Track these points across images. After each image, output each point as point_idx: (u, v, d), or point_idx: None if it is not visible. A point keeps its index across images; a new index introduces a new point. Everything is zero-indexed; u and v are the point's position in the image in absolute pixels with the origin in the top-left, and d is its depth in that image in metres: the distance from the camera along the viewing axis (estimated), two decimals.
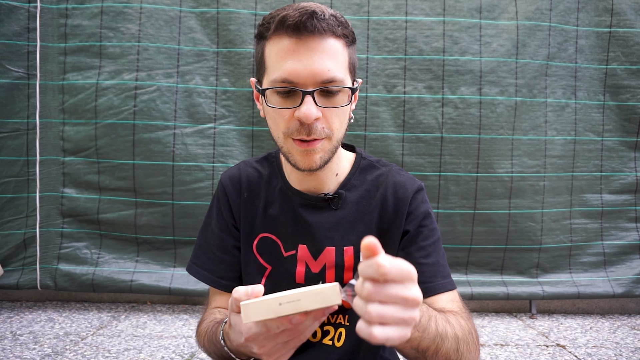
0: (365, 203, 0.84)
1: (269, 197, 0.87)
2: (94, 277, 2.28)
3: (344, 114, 0.77)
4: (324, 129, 0.73)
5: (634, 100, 2.40)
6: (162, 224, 2.31)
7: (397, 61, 2.31)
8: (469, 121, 2.32)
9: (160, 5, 2.26)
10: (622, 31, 2.37)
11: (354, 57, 0.77)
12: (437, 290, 0.79)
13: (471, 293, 2.35)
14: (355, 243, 0.82)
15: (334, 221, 0.83)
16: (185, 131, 2.29)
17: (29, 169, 2.27)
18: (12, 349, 1.84)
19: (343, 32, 0.72)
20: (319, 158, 0.75)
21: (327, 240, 0.82)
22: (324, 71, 0.69)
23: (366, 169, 0.87)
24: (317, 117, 0.71)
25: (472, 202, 2.35)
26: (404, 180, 0.84)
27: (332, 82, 0.70)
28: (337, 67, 0.71)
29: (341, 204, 0.84)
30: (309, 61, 0.69)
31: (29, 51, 2.24)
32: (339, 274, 0.82)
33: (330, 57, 0.70)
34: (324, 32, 0.69)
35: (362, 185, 0.85)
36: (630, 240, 2.46)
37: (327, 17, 0.70)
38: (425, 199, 0.85)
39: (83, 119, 2.28)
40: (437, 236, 0.85)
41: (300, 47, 0.69)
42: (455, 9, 2.31)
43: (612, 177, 2.44)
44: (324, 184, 0.84)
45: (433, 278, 0.79)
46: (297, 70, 0.69)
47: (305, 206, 0.84)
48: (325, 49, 0.70)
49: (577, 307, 2.55)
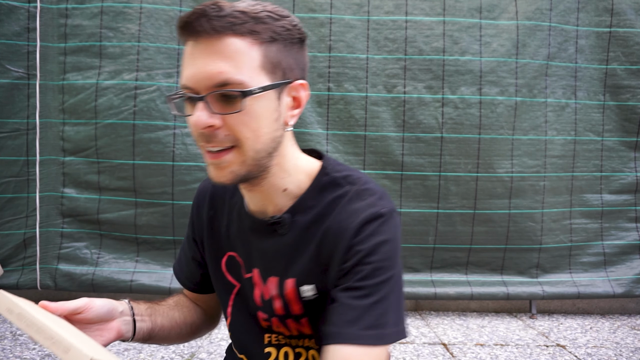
0: (313, 230, 0.71)
1: (230, 215, 0.81)
2: (94, 277, 2.28)
3: (256, 121, 0.65)
4: (228, 136, 0.64)
5: (634, 100, 2.40)
6: (162, 224, 2.31)
7: (397, 61, 2.31)
8: (469, 121, 2.32)
9: (160, 5, 2.26)
10: (622, 31, 2.37)
11: (281, 56, 0.66)
12: (343, 340, 0.62)
13: (471, 293, 2.36)
14: (297, 275, 0.72)
15: (277, 249, 0.74)
16: (185, 131, 2.29)
17: (29, 169, 2.27)
18: (12, 349, 1.83)
19: (251, 29, 0.63)
20: (230, 172, 0.66)
21: (271, 269, 0.75)
22: (214, 74, 0.62)
23: (326, 187, 0.73)
24: (211, 125, 0.63)
25: (472, 202, 2.35)
26: (359, 207, 0.69)
27: (225, 85, 0.62)
28: (235, 69, 0.62)
29: (288, 228, 0.73)
30: (201, 64, 0.63)
31: (29, 51, 2.24)
32: (285, 305, 0.74)
33: (226, 59, 0.62)
34: (218, 32, 0.62)
35: (317, 207, 0.72)
36: (630, 240, 2.46)
37: (224, 13, 0.62)
38: (379, 230, 0.67)
39: (83, 119, 2.28)
40: (382, 277, 0.65)
41: (195, 50, 0.64)
42: (455, 9, 2.31)
43: (612, 177, 2.44)
44: (271, 201, 0.73)
45: (347, 325, 0.62)
46: (192, 74, 0.64)
47: (254, 230, 0.76)
48: (219, 49, 0.62)
49: (577, 307, 2.55)
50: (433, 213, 2.35)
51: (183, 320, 0.87)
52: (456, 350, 1.98)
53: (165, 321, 0.84)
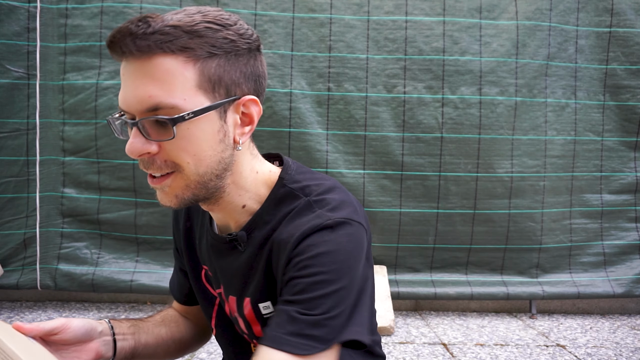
0: (267, 245, 0.67)
1: (201, 229, 0.78)
2: (94, 277, 2.28)
3: (195, 145, 0.59)
4: (166, 162, 0.60)
5: (634, 100, 2.40)
6: (162, 224, 2.31)
7: (397, 61, 2.31)
8: (469, 121, 2.32)
9: (160, 5, 2.26)
10: (622, 31, 2.37)
11: (219, 71, 0.60)
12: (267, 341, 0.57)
13: (471, 293, 2.36)
14: (252, 293, 0.69)
15: (235, 266, 0.70)
16: None
17: (29, 169, 2.27)
18: None
19: (184, 45, 0.57)
20: (175, 197, 0.63)
21: (230, 288, 0.72)
22: (144, 98, 0.57)
23: (283, 200, 0.68)
24: (147, 152, 0.59)
25: (472, 202, 2.35)
26: (303, 220, 0.64)
27: (156, 109, 0.57)
28: (166, 92, 0.57)
29: (245, 246, 0.69)
30: (131, 87, 0.58)
31: (29, 51, 2.24)
32: (247, 325, 0.72)
33: (155, 81, 0.57)
34: (144, 53, 0.56)
35: (271, 222, 0.67)
36: (630, 240, 2.46)
37: (153, 30, 0.55)
38: (322, 241, 0.61)
39: (83, 119, 2.28)
40: (323, 292, 0.58)
41: (125, 71, 0.59)
42: (455, 9, 2.31)
43: (612, 177, 2.44)
44: (232, 218, 0.70)
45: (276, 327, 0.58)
46: (124, 97, 0.59)
47: (214, 247, 0.73)
48: (148, 71, 0.57)
49: (577, 307, 2.55)
50: (433, 213, 2.35)
51: (170, 336, 0.85)
52: (456, 350, 1.99)
53: (150, 338, 0.81)
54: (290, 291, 0.59)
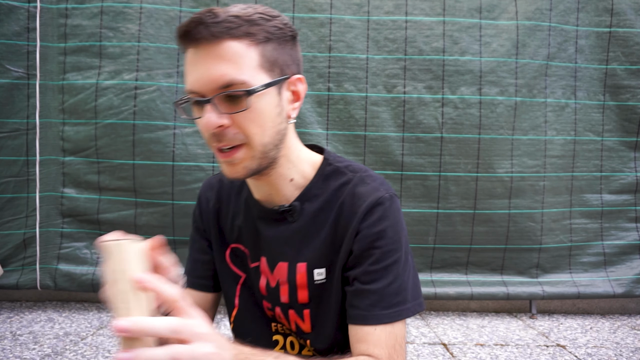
0: (323, 216, 0.77)
1: (236, 207, 0.85)
2: (93, 277, 2.28)
3: (261, 117, 0.69)
4: (237, 134, 0.68)
5: (634, 100, 2.40)
6: (162, 224, 2.31)
7: (397, 61, 2.31)
8: (469, 121, 2.32)
9: (160, 5, 2.26)
10: (622, 31, 2.37)
11: (277, 54, 0.70)
12: (370, 321, 0.70)
13: (471, 293, 2.36)
14: (309, 259, 0.77)
15: (288, 235, 0.78)
16: (185, 131, 2.29)
17: (29, 169, 2.27)
18: (12, 349, 1.83)
19: (247, 32, 0.67)
20: (243, 167, 0.70)
21: (280, 255, 0.79)
22: (217, 76, 0.66)
23: (330, 176, 0.78)
24: (221, 125, 0.67)
25: (472, 202, 2.35)
26: (364, 191, 0.75)
27: (230, 86, 0.66)
28: (237, 70, 0.66)
29: (297, 216, 0.78)
30: (204, 68, 0.66)
31: (28, 51, 2.24)
32: (292, 291, 0.78)
33: (227, 61, 0.66)
34: (216, 37, 0.65)
35: (323, 195, 0.77)
36: (630, 240, 2.46)
37: (220, 19, 0.65)
38: (384, 215, 0.73)
39: (83, 119, 2.28)
40: (392, 259, 0.72)
41: (196, 56, 0.67)
42: (455, 9, 2.31)
43: (612, 177, 2.44)
44: (279, 191, 0.78)
45: (370, 307, 0.71)
46: (196, 79, 0.67)
47: (263, 219, 0.80)
48: (219, 54, 0.66)
49: (577, 307, 2.55)
50: (433, 213, 2.35)
51: None
52: (456, 350, 1.98)
53: None
54: (366, 262, 0.72)
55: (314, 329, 0.79)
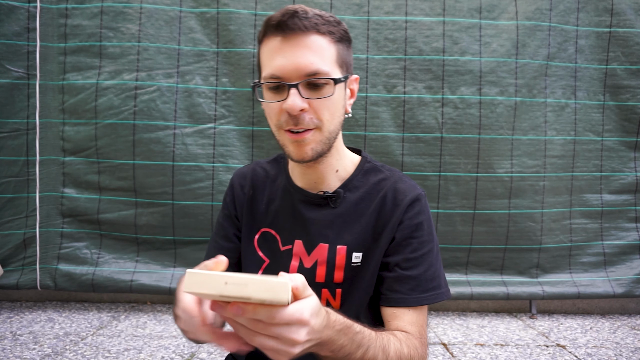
0: (364, 205, 0.85)
1: (272, 194, 0.91)
2: (94, 277, 2.28)
3: (334, 105, 0.78)
4: (312, 119, 0.76)
5: (634, 100, 2.40)
6: (162, 224, 2.31)
7: (397, 61, 2.31)
8: (469, 121, 2.32)
9: (160, 5, 2.26)
10: (622, 31, 2.37)
11: (345, 54, 0.80)
12: (410, 303, 0.80)
13: (471, 293, 2.36)
14: (349, 243, 0.84)
15: (330, 219, 0.85)
16: (185, 131, 2.29)
17: (29, 169, 2.27)
18: (12, 349, 1.84)
19: (329, 30, 0.76)
20: (311, 149, 0.78)
21: (321, 237, 0.85)
22: (306, 64, 0.74)
23: (370, 172, 0.88)
24: (303, 108, 0.74)
25: (472, 202, 2.35)
26: (404, 187, 0.85)
27: (315, 74, 0.74)
28: (322, 61, 0.75)
29: (340, 203, 0.86)
30: (293, 56, 0.74)
31: (29, 51, 2.24)
32: (330, 271, 0.84)
33: (314, 52, 0.74)
34: (307, 30, 0.74)
35: (364, 187, 0.87)
36: (630, 240, 2.46)
37: (310, 16, 0.74)
38: (422, 209, 0.84)
39: (83, 119, 2.28)
40: (427, 248, 0.83)
41: (285, 45, 0.74)
42: (455, 9, 2.31)
43: (612, 177, 2.44)
44: (324, 179, 0.86)
45: (410, 291, 0.80)
46: (283, 65, 0.74)
47: (305, 202, 0.87)
48: (307, 44, 0.74)
49: (577, 307, 2.55)
50: (433, 213, 2.35)
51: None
52: (456, 350, 1.99)
53: None
54: (405, 250, 0.82)
55: (342, 306, 0.84)
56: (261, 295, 0.48)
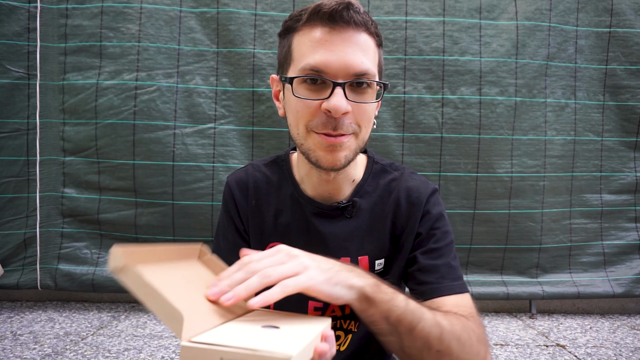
0: (378, 210, 0.80)
1: (280, 204, 0.83)
2: (94, 277, 2.28)
3: (372, 112, 0.72)
4: (352, 124, 0.69)
5: (633, 100, 2.40)
6: (162, 224, 2.31)
7: (397, 61, 2.31)
8: (469, 121, 2.32)
9: (160, 5, 2.26)
10: (622, 31, 2.37)
11: (381, 59, 0.75)
12: (444, 292, 0.74)
13: (471, 293, 2.35)
14: (369, 252, 0.79)
15: (348, 231, 0.79)
16: (185, 131, 2.29)
17: (29, 169, 2.27)
18: (12, 349, 1.84)
19: (375, 31, 0.71)
20: (344, 157, 0.70)
21: (342, 250, 0.79)
22: (357, 63, 0.66)
23: (379, 174, 0.83)
24: (347, 111, 0.67)
25: (472, 202, 2.35)
26: (417, 185, 0.81)
27: (365, 75, 0.67)
28: (371, 62, 0.69)
29: (355, 211, 0.80)
30: (343, 52, 0.66)
31: (29, 51, 2.24)
32: None
33: (364, 51, 0.68)
34: (359, 26, 0.67)
35: (376, 192, 0.81)
36: (630, 240, 2.46)
37: (362, 11, 0.68)
38: (438, 201, 0.81)
39: (83, 119, 2.28)
40: (449, 239, 0.80)
41: (334, 37, 0.66)
42: (455, 9, 2.31)
43: (612, 177, 2.45)
44: (340, 190, 0.80)
45: (441, 279, 0.75)
46: (329, 60, 0.66)
47: (318, 215, 0.80)
48: (359, 42, 0.67)
49: (577, 307, 2.55)
50: None
51: None
52: None
53: None
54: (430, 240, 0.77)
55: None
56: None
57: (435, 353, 0.59)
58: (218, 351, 0.44)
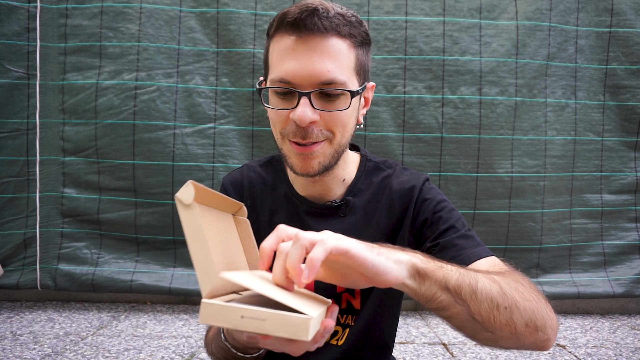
0: (372, 207, 0.81)
1: (274, 204, 0.83)
2: (94, 277, 2.28)
3: (348, 118, 0.71)
4: (322, 131, 0.69)
5: (634, 100, 2.40)
6: (162, 224, 2.31)
7: (397, 61, 2.31)
8: (469, 121, 2.32)
9: (160, 5, 2.26)
10: (622, 31, 2.37)
11: (364, 59, 0.72)
12: (473, 258, 0.71)
13: None
14: None
15: (342, 229, 0.77)
16: (185, 131, 2.29)
17: (29, 169, 2.27)
18: (12, 349, 1.84)
19: (350, 32, 0.68)
20: (318, 163, 0.71)
21: None
22: (322, 72, 0.66)
23: (372, 172, 0.83)
24: (313, 121, 0.67)
25: (472, 202, 2.35)
26: (407, 179, 0.81)
27: (331, 84, 0.66)
28: (339, 69, 0.67)
29: (349, 210, 0.80)
30: (308, 61, 0.65)
31: (29, 51, 2.24)
32: None
33: (332, 58, 0.66)
34: (326, 31, 0.65)
35: (369, 189, 0.82)
36: (630, 240, 2.46)
37: (331, 15, 0.66)
38: (432, 188, 0.81)
39: (83, 119, 2.28)
40: (457, 215, 0.78)
41: (299, 46, 0.66)
42: (455, 9, 2.31)
43: (612, 177, 2.44)
44: (330, 190, 0.80)
45: (463, 250, 0.72)
46: (295, 70, 0.66)
47: (312, 214, 0.81)
48: (325, 49, 0.66)
49: (577, 307, 2.55)
50: None
51: None
52: (456, 350, 1.99)
53: None
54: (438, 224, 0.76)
55: (363, 306, 0.81)
56: (279, 333, 0.45)
57: (504, 310, 0.57)
58: (239, 309, 0.45)
